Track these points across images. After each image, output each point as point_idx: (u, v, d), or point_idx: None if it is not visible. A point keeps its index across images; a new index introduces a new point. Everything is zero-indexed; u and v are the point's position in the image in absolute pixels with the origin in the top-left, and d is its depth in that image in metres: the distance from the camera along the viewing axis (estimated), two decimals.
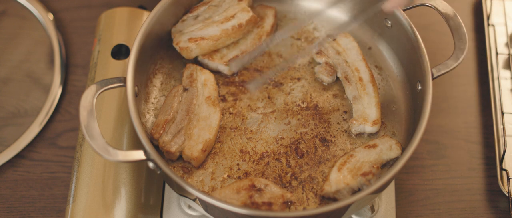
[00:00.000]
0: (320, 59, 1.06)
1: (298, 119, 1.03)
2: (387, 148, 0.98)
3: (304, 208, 0.95)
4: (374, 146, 0.98)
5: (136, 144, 1.04)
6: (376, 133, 1.01)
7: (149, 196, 1.03)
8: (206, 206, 0.92)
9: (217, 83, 1.06)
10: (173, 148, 0.97)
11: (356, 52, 1.06)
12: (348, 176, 0.95)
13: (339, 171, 0.95)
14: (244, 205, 0.91)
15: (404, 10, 1.02)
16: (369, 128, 1.00)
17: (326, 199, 0.96)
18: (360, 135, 1.02)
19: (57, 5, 1.28)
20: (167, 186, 1.05)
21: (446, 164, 1.14)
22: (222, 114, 1.04)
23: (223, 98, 1.05)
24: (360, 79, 1.03)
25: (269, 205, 0.91)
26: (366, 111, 1.01)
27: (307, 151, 1.00)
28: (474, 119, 1.18)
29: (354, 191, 0.95)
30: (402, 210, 1.10)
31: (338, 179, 0.95)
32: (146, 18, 1.00)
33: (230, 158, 1.00)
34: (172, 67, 1.08)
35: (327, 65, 1.05)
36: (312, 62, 1.09)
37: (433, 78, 0.96)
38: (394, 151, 0.98)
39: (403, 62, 1.06)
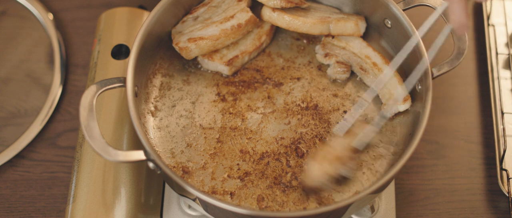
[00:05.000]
0: (330, 61, 1.06)
1: (298, 119, 1.03)
2: (362, 134, 0.99)
3: (304, 208, 0.95)
4: (348, 132, 0.99)
5: (136, 144, 1.04)
6: (409, 109, 1.01)
7: (149, 196, 1.03)
8: (206, 206, 0.92)
9: (217, 84, 1.07)
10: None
11: (359, 41, 1.06)
12: (326, 165, 0.95)
13: (316, 160, 0.96)
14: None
15: (404, 10, 1.02)
16: (402, 106, 1.00)
17: (307, 192, 0.96)
18: (384, 118, 1.02)
19: (57, 5, 1.28)
20: (167, 186, 1.05)
21: (446, 164, 1.14)
22: (222, 114, 1.04)
23: (223, 99, 1.05)
24: (375, 64, 1.04)
25: None
26: (393, 92, 1.01)
27: (307, 151, 1.00)
28: (474, 119, 1.18)
29: (336, 180, 0.95)
30: (402, 210, 1.10)
31: (316, 168, 0.96)
32: (146, 18, 1.00)
33: (230, 158, 1.00)
34: (172, 67, 1.08)
35: (340, 64, 1.05)
36: (312, 62, 1.09)
37: (433, 78, 0.96)
38: (370, 137, 0.99)
39: (403, 62, 1.06)
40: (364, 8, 1.08)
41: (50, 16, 1.26)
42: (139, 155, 0.89)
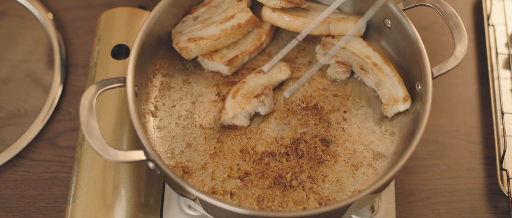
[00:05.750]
0: (330, 61, 1.06)
1: (298, 119, 1.03)
2: (277, 70, 1.03)
3: (304, 208, 0.95)
4: (266, 71, 1.04)
5: (136, 144, 1.04)
6: (409, 109, 1.02)
7: (149, 196, 1.03)
8: (206, 206, 0.92)
9: (217, 84, 1.07)
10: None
11: (359, 41, 1.06)
12: (242, 101, 1.00)
13: (233, 98, 1.00)
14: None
15: (404, 10, 1.02)
16: (402, 106, 1.00)
17: (226, 128, 1.01)
18: (384, 118, 1.02)
19: (57, 5, 1.29)
20: (167, 186, 1.05)
21: (446, 164, 1.14)
22: (222, 114, 1.03)
23: (223, 98, 1.05)
24: (375, 64, 1.04)
25: None
26: (392, 92, 1.01)
27: (307, 151, 1.00)
28: (474, 119, 1.18)
29: (251, 115, 1.00)
30: (402, 210, 1.10)
31: (233, 105, 0.99)
32: (146, 18, 1.00)
33: (230, 158, 1.00)
34: (172, 67, 1.08)
35: (340, 64, 1.05)
36: (312, 62, 1.09)
37: (433, 78, 0.96)
38: (284, 73, 1.04)
39: (403, 62, 1.06)
40: (364, 8, 1.08)
41: (50, 16, 1.26)
42: (139, 155, 0.89)
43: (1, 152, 1.12)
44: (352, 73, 1.07)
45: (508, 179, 1.09)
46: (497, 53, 1.21)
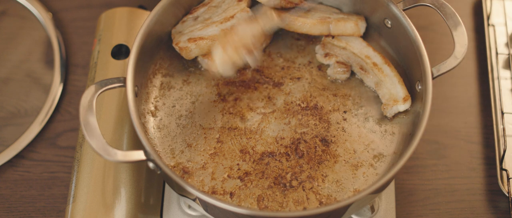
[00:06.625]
0: (330, 61, 1.06)
1: (298, 119, 1.03)
2: (267, 19, 1.01)
3: (304, 208, 0.95)
4: (255, 19, 1.01)
5: (136, 144, 1.04)
6: (409, 109, 1.02)
7: (149, 196, 1.03)
8: (206, 206, 0.93)
9: (217, 84, 1.06)
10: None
11: (359, 41, 1.06)
12: (230, 51, 0.98)
13: (224, 50, 0.98)
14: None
15: (404, 10, 1.02)
16: (402, 106, 1.00)
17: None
18: (384, 118, 1.02)
19: (57, 5, 1.29)
20: (167, 186, 1.05)
21: (446, 164, 1.14)
22: (222, 114, 1.03)
23: (223, 99, 1.05)
24: (375, 64, 1.04)
25: None
26: (392, 92, 1.01)
27: (307, 151, 1.00)
28: (474, 119, 1.18)
29: (238, 66, 1.00)
30: (402, 210, 1.10)
31: (224, 59, 0.97)
32: (146, 18, 1.00)
33: (230, 158, 1.00)
34: (172, 67, 1.08)
35: (340, 64, 1.05)
36: (312, 62, 1.09)
37: (433, 78, 0.96)
38: (274, 18, 1.01)
39: (403, 62, 1.06)
40: (364, 8, 1.09)
41: (50, 16, 1.26)
42: (139, 155, 0.89)
43: (1, 152, 1.12)
44: (352, 73, 1.07)
45: (508, 179, 1.09)
46: (497, 53, 1.21)
